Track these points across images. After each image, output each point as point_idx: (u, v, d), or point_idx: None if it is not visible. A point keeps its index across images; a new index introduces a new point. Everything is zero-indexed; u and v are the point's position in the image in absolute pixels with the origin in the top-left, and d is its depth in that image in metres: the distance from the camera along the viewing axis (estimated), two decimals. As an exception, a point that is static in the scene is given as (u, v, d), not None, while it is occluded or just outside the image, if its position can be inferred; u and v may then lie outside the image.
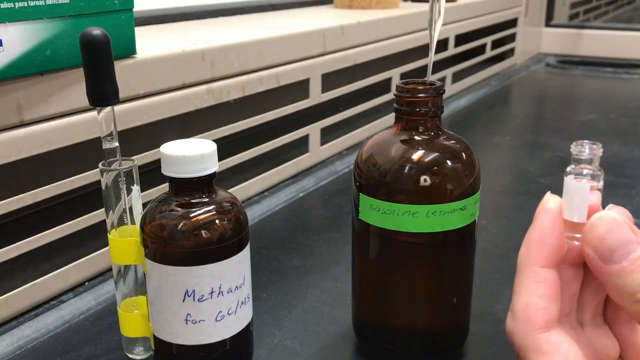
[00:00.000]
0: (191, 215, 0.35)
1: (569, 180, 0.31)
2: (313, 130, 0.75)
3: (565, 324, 0.32)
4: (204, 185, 0.36)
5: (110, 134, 0.36)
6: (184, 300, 0.35)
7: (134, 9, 0.48)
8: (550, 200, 0.32)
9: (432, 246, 0.37)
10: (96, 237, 0.50)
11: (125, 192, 0.37)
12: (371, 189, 0.37)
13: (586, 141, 0.31)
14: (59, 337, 0.44)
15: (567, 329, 0.31)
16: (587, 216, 0.30)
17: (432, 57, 0.37)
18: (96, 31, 0.33)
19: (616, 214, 0.29)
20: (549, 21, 1.54)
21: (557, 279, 0.31)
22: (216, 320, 0.36)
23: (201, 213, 0.36)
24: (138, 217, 0.38)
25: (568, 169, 0.31)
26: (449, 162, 0.37)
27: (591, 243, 0.29)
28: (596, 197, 0.31)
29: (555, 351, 0.29)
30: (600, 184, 0.31)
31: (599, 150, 0.31)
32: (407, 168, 0.36)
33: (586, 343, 0.32)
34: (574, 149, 0.31)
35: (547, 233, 0.31)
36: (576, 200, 0.31)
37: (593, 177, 0.31)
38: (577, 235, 0.31)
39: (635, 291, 0.27)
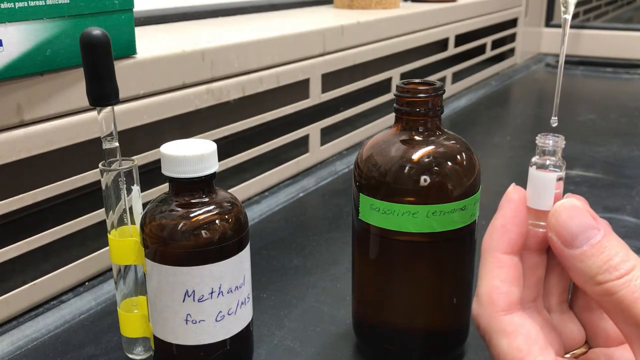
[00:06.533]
0: (191, 215, 0.35)
1: (534, 171, 0.32)
2: (313, 130, 0.75)
3: (532, 309, 0.33)
4: (204, 185, 0.36)
5: (110, 134, 0.36)
6: (184, 301, 0.35)
7: (134, 9, 0.48)
8: (513, 192, 0.33)
9: (432, 246, 0.37)
10: (96, 237, 0.50)
11: (125, 192, 0.37)
12: (371, 189, 0.37)
13: (550, 134, 0.33)
14: (59, 337, 0.44)
15: (533, 314, 0.33)
16: (552, 204, 0.32)
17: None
18: (96, 31, 0.33)
19: (577, 201, 0.31)
20: (549, 21, 1.54)
21: (518, 264, 0.32)
22: (216, 321, 0.36)
23: (201, 213, 0.36)
24: (138, 217, 0.38)
25: (533, 159, 0.33)
26: (449, 162, 0.37)
27: (554, 229, 0.30)
28: (559, 187, 0.32)
29: (517, 332, 0.31)
30: (562, 174, 0.32)
31: (561, 143, 0.32)
32: (407, 168, 0.36)
33: (552, 327, 0.33)
34: (539, 140, 0.33)
35: (509, 221, 0.32)
36: (541, 189, 0.32)
37: (555, 167, 0.32)
38: (541, 223, 0.32)
39: (595, 273, 0.28)
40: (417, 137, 0.37)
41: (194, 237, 0.35)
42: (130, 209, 0.38)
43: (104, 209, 0.38)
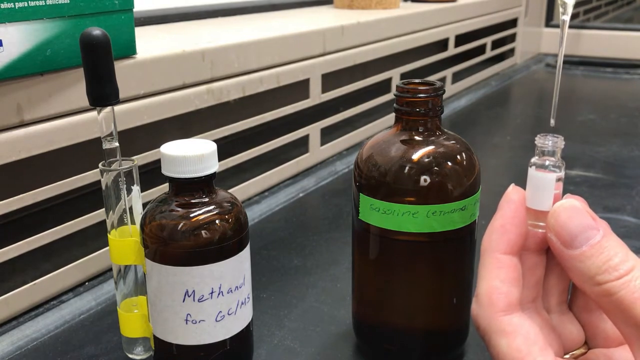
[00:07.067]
0: (191, 215, 0.35)
1: (533, 171, 0.32)
2: (313, 130, 0.75)
3: (531, 309, 0.33)
4: (204, 185, 0.36)
5: (110, 134, 0.36)
6: (184, 301, 0.35)
7: (134, 9, 0.48)
8: (512, 192, 0.33)
9: (432, 246, 0.37)
10: (96, 237, 0.50)
11: (125, 192, 0.37)
12: (371, 189, 0.37)
13: (550, 134, 0.32)
14: (59, 337, 0.44)
15: (532, 315, 0.33)
16: (551, 205, 0.32)
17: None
18: (96, 31, 0.33)
19: (577, 202, 0.30)
20: (549, 21, 1.54)
21: (518, 264, 0.32)
22: (216, 321, 0.36)
23: (201, 213, 0.36)
24: (138, 217, 0.38)
25: (532, 160, 0.33)
26: (449, 162, 0.37)
27: (554, 229, 0.30)
28: (558, 187, 0.32)
29: (516, 332, 0.30)
30: (562, 175, 0.32)
31: (561, 143, 0.32)
32: (407, 168, 0.36)
33: (551, 328, 0.33)
34: (538, 141, 0.32)
35: (508, 222, 0.32)
36: (541, 190, 0.32)
37: (555, 167, 0.32)
38: (541, 224, 0.32)
39: (594, 274, 0.28)
40: (417, 137, 0.37)
41: (194, 237, 0.35)
42: (130, 209, 0.38)
43: (104, 209, 0.38)
